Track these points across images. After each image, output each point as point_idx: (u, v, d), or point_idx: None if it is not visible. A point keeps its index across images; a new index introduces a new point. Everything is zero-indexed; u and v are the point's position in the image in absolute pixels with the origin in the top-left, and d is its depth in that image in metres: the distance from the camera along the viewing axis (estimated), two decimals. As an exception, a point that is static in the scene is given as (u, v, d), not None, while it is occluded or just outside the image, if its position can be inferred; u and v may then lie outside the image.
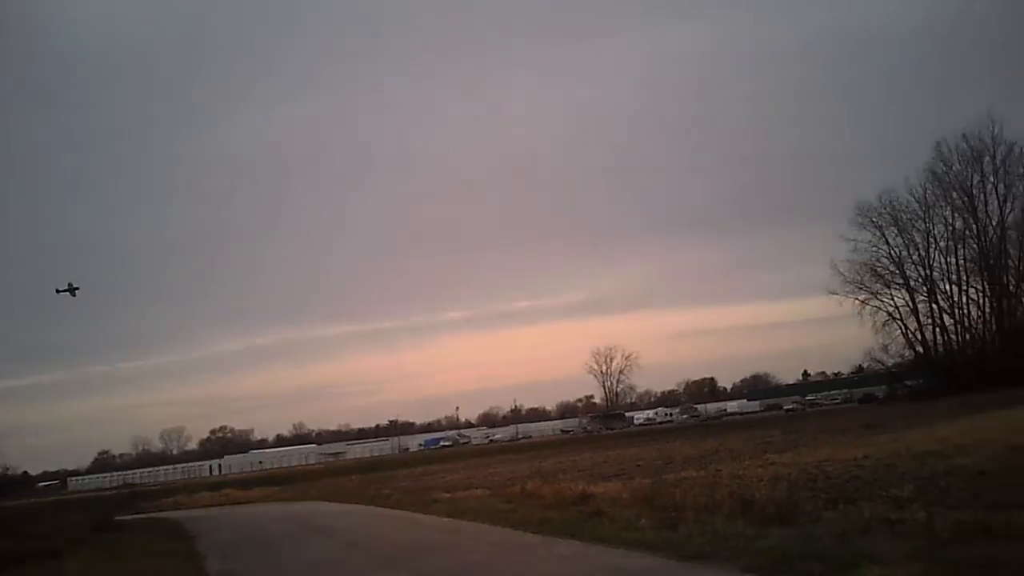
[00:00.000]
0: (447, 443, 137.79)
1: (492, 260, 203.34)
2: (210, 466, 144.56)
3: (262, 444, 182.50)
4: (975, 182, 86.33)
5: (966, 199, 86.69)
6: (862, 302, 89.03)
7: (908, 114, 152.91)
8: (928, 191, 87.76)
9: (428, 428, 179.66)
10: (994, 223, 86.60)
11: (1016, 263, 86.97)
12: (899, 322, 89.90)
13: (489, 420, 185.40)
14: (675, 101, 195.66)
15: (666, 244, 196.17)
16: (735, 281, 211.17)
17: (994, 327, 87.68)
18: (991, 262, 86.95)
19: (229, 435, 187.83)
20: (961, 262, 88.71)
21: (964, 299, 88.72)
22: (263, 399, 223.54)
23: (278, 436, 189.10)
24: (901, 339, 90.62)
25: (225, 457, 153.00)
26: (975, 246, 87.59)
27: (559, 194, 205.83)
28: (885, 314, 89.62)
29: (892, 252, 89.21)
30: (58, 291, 58.24)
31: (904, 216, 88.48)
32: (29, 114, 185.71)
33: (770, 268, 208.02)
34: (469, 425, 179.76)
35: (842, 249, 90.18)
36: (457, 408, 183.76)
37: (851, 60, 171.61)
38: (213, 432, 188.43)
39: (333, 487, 50.05)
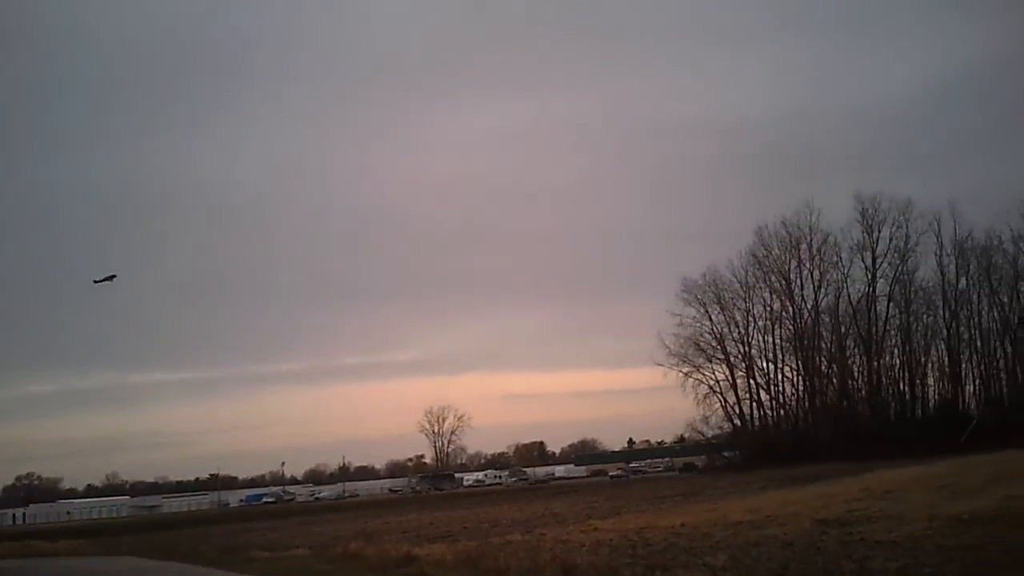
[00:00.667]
0: (270, 499, 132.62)
1: (326, 315, 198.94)
2: (13, 515, 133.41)
3: (71, 494, 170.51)
4: (792, 267, 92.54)
5: (784, 282, 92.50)
6: (686, 374, 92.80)
7: (735, 198, 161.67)
8: (749, 272, 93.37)
9: (251, 483, 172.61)
10: (809, 306, 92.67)
11: (828, 345, 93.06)
12: (719, 395, 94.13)
13: (316, 477, 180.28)
14: (518, 170, 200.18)
15: (503, 307, 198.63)
16: (569, 347, 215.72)
17: (807, 404, 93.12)
18: (805, 343, 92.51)
19: (36, 482, 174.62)
20: (778, 341, 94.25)
21: (780, 376, 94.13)
22: (75, 445, 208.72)
23: (89, 486, 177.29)
24: (721, 411, 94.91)
25: (30, 506, 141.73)
26: (791, 327, 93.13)
27: (398, 253, 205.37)
28: (707, 387, 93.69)
29: (715, 328, 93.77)
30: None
31: (727, 295, 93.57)
32: None
33: (603, 336, 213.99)
34: (295, 481, 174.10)
35: (669, 323, 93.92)
36: (283, 463, 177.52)
37: (686, 144, 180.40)
38: (19, 479, 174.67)
39: (146, 542, 47.12)
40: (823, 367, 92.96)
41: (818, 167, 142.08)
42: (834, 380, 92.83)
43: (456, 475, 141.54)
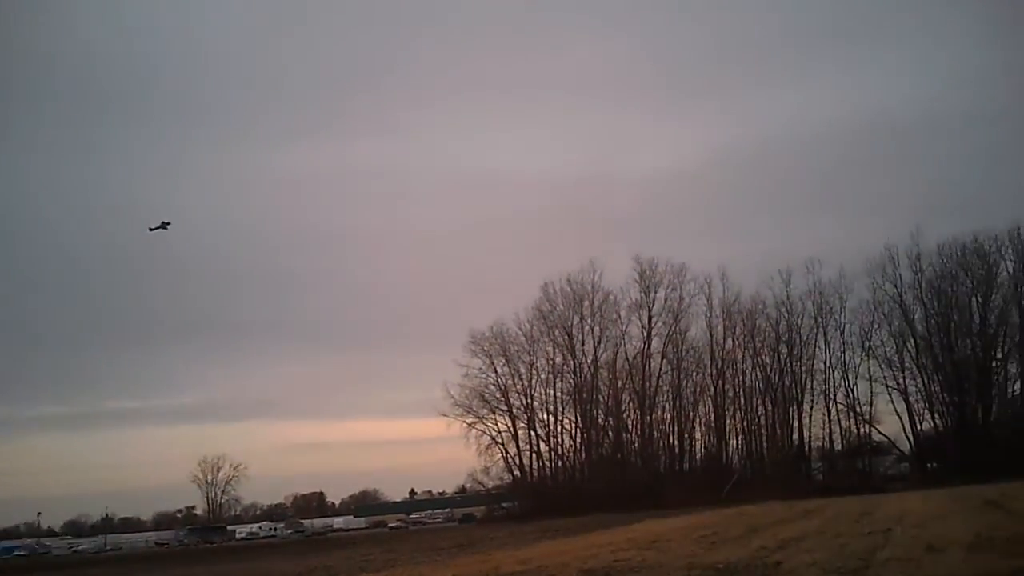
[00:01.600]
0: (23, 552, 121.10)
1: (92, 356, 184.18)
2: None
3: None
4: (575, 322, 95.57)
5: (567, 337, 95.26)
6: (469, 425, 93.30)
7: (526, 254, 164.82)
8: (535, 326, 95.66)
9: (3, 535, 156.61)
10: (589, 361, 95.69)
11: (605, 399, 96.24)
12: (501, 446, 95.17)
13: (76, 528, 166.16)
14: (321, 214, 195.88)
15: (287, 353, 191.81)
16: (354, 396, 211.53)
17: (584, 456, 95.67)
18: (584, 396, 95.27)
19: None
20: (559, 394, 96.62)
21: (559, 428, 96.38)
22: None
23: None
24: (502, 462, 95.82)
25: None
26: (572, 380, 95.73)
27: (179, 293, 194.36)
28: (489, 438, 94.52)
29: (499, 380, 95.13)
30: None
31: (512, 347, 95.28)
32: None
33: (390, 386, 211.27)
34: (52, 533, 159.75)
35: (456, 373, 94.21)
36: (39, 514, 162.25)
37: (485, 198, 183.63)
38: None
39: None
40: (600, 420, 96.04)
41: (603, 228, 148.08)
42: (610, 433, 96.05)
43: (228, 527, 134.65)
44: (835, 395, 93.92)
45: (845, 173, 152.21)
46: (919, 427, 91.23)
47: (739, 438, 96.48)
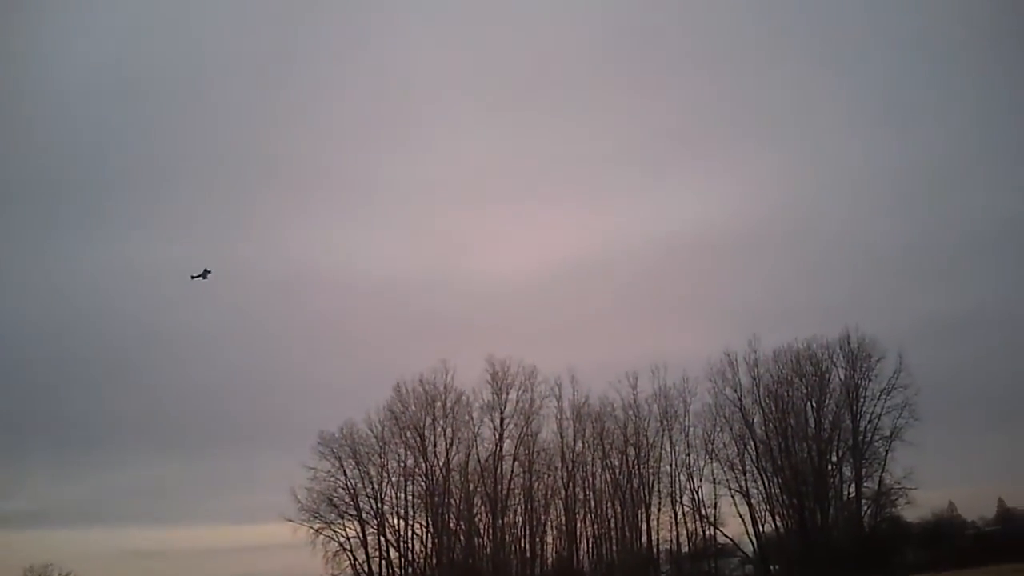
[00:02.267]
0: None
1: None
2: None
3: None
4: (427, 423, 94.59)
5: (419, 438, 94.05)
6: (316, 531, 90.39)
7: (378, 353, 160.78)
8: (386, 428, 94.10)
9: None
10: (441, 463, 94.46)
11: (457, 502, 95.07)
12: (349, 553, 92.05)
13: None
14: (159, 311, 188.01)
15: (123, 454, 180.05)
16: (196, 501, 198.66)
17: (435, 561, 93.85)
18: (436, 499, 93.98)
19: None
20: (410, 498, 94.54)
21: (410, 533, 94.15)
22: None
23: None
24: (350, 570, 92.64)
25: None
26: (423, 483, 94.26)
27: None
28: (337, 544, 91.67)
29: (349, 483, 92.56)
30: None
31: (362, 449, 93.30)
32: None
33: (237, 490, 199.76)
34: None
35: (304, 477, 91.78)
36: None
37: (336, 297, 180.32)
38: None
39: None
40: (452, 524, 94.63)
41: (455, 329, 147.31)
42: (461, 538, 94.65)
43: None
44: (681, 497, 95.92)
45: (689, 280, 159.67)
46: (761, 529, 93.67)
47: (590, 541, 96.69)
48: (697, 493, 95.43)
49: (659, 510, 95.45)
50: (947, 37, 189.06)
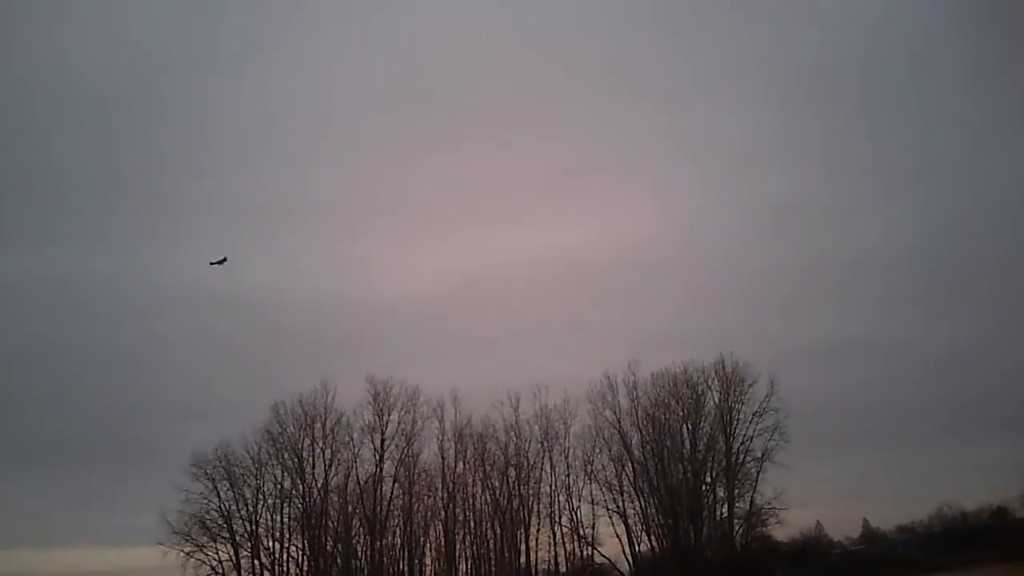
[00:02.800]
0: None
1: None
2: None
3: None
4: (306, 445, 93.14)
5: (296, 460, 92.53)
6: (187, 554, 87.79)
7: (254, 374, 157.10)
8: (263, 449, 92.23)
9: None
10: (319, 485, 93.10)
11: (335, 524, 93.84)
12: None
13: None
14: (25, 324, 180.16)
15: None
16: (65, 522, 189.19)
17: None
18: (313, 522, 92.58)
19: None
20: (286, 520, 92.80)
21: (286, 556, 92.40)
22: None
23: None
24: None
25: None
26: (300, 505, 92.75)
27: None
28: (208, 568, 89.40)
29: (223, 506, 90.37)
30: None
31: (237, 471, 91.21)
32: None
33: (106, 511, 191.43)
34: None
35: (176, 499, 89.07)
36: None
37: (213, 315, 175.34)
38: None
39: None
40: (328, 547, 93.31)
41: (337, 349, 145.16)
42: (339, 560, 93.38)
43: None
44: (560, 518, 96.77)
45: (573, 303, 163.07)
46: (638, 548, 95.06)
47: (468, 562, 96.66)
48: (576, 513, 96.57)
49: (538, 530, 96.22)
50: (829, 77, 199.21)
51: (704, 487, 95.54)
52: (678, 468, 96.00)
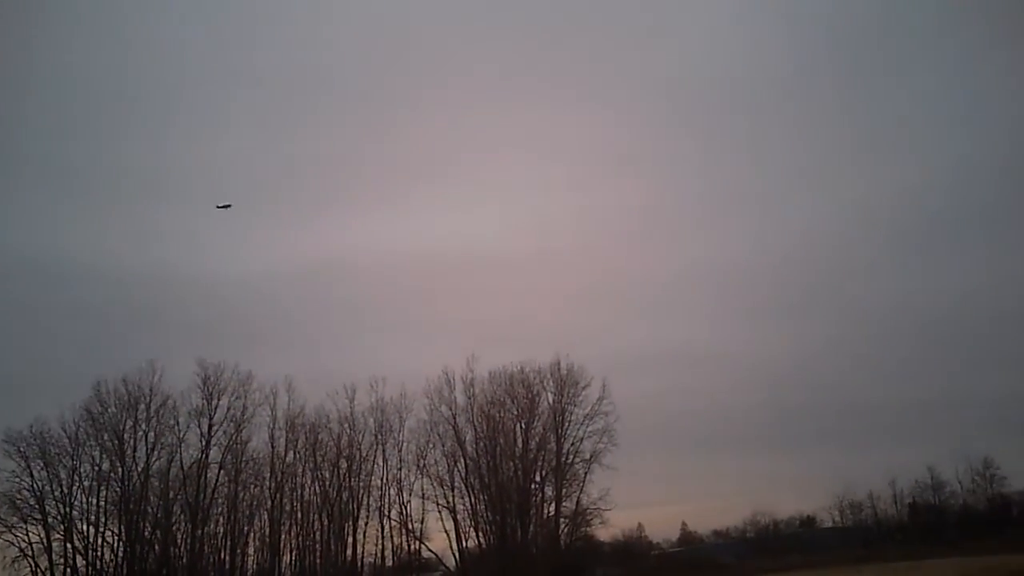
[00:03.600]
0: None
1: None
2: None
3: None
4: (128, 426, 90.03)
5: (116, 442, 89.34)
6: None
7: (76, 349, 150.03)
8: (81, 428, 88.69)
9: None
10: (140, 469, 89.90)
11: (154, 510, 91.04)
12: (30, 559, 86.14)
13: None
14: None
15: None
16: None
17: (125, 571, 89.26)
18: (131, 507, 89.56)
19: None
20: (103, 503, 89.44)
21: (100, 541, 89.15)
22: None
23: None
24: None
25: None
26: (118, 489, 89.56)
27: None
28: (17, 549, 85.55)
29: (35, 485, 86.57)
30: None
31: (53, 450, 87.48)
32: None
33: None
34: None
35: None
36: None
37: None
38: None
39: None
40: (147, 533, 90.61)
41: (165, 329, 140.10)
42: (156, 547, 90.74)
43: None
44: (390, 512, 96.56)
45: (416, 297, 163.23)
46: (465, 544, 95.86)
47: (293, 554, 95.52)
48: (406, 508, 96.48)
49: (367, 524, 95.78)
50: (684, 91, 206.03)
51: (533, 486, 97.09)
52: (509, 466, 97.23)
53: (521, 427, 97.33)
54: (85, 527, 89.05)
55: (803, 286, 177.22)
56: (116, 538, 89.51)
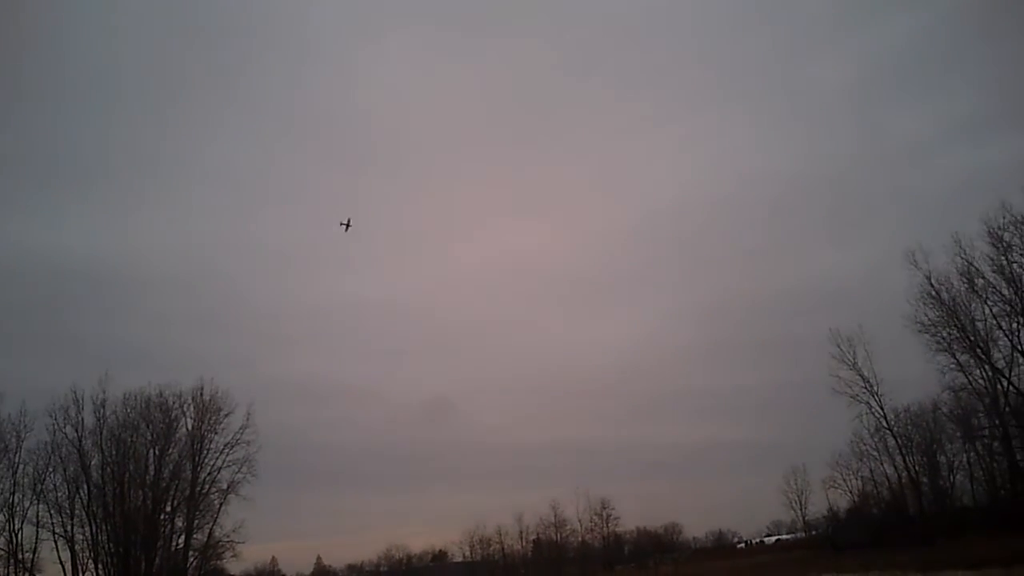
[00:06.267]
0: None
1: None
2: None
3: None
4: None
5: None
6: None
7: None
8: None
9: None
10: None
11: None
12: None
13: None
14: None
15: None
16: None
17: None
18: None
19: None
20: None
21: None
22: None
23: None
24: None
25: None
26: None
27: None
28: None
29: None
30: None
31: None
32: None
33: None
34: None
35: None
36: None
37: None
38: None
39: None
40: None
41: None
42: None
43: None
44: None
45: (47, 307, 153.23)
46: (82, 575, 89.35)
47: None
48: (16, 536, 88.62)
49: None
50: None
51: (163, 516, 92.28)
52: (139, 494, 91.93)
53: (155, 453, 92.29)
54: None
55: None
56: None
